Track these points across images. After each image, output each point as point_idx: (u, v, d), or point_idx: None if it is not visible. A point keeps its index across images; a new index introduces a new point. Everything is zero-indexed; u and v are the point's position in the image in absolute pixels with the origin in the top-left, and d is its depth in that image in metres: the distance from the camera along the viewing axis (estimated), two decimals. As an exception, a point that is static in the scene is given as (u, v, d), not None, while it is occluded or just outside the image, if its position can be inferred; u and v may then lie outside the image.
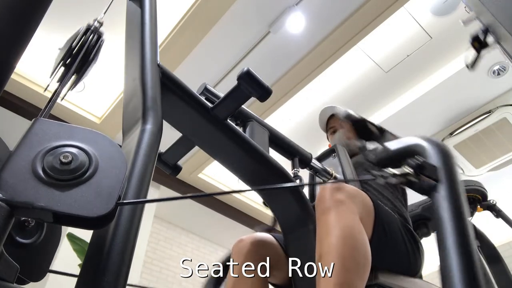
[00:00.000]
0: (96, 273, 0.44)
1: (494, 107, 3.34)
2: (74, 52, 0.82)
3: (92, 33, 0.85)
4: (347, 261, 0.84)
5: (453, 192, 0.64)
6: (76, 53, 0.82)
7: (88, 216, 0.41)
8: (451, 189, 0.64)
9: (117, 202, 0.43)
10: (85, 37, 0.84)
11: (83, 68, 0.83)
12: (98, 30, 0.87)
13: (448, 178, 0.67)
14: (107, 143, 0.49)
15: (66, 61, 0.82)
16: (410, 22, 2.94)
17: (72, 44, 0.83)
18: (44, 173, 0.43)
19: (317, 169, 1.29)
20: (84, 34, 0.84)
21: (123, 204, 0.47)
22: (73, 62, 0.80)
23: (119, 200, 0.44)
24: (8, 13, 0.52)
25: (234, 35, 2.91)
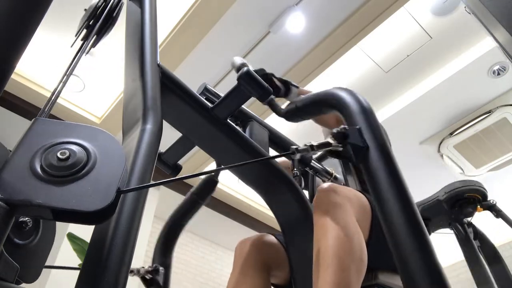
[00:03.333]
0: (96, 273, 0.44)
1: (494, 107, 3.34)
2: (98, 13, 0.86)
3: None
4: (344, 262, 0.85)
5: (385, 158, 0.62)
6: (100, 14, 0.86)
7: (86, 210, 0.41)
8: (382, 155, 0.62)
9: (117, 190, 0.43)
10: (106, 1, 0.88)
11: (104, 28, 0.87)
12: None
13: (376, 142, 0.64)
14: (105, 138, 0.49)
15: (90, 21, 0.86)
16: (410, 22, 2.94)
17: (97, 5, 0.87)
18: (42, 171, 0.43)
19: (317, 169, 1.29)
20: None
21: (123, 192, 0.47)
22: (96, 22, 0.85)
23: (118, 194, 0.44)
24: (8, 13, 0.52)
25: (234, 35, 2.91)
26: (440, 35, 2.98)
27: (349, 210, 0.96)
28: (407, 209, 0.56)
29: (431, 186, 2.03)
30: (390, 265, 1.08)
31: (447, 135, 3.58)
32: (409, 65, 3.19)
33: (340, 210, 0.94)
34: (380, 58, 3.17)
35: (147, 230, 3.92)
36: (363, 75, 3.29)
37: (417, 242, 0.52)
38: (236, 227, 4.59)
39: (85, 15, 0.88)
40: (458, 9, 2.77)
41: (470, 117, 3.43)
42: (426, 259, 0.51)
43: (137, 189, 0.52)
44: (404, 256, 0.52)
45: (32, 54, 3.05)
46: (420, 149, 3.69)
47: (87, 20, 0.85)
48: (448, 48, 3.07)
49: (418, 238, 0.53)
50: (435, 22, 2.91)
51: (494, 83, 3.20)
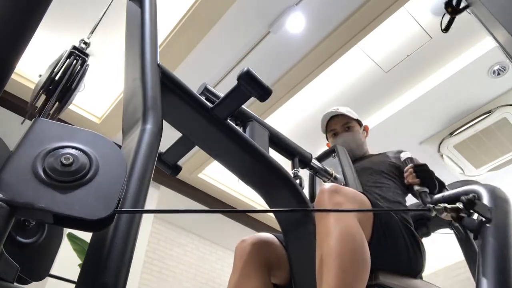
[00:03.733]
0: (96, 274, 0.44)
1: (494, 107, 3.34)
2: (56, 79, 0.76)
3: (76, 57, 0.80)
4: (347, 263, 0.85)
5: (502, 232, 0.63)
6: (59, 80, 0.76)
7: (88, 218, 0.41)
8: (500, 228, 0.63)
9: (115, 210, 0.43)
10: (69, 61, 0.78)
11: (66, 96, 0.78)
12: (84, 52, 0.82)
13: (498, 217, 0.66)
14: (108, 146, 0.49)
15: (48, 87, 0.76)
16: (410, 22, 2.94)
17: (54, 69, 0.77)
18: (45, 174, 0.43)
19: (317, 169, 1.29)
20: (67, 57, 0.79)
21: (121, 212, 0.47)
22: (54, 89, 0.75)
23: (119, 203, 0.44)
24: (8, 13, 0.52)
25: (234, 35, 2.91)
26: (440, 35, 2.98)
27: None
28: None
29: (431, 186, 2.03)
30: (391, 266, 1.09)
31: (447, 135, 3.58)
32: (409, 65, 3.18)
33: None
34: (380, 58, 3.17)
35: (147, 230, 3.92)
36: (363, 75, 3.29)
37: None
38: (236, 227, 4.59)
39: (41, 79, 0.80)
40: (458, 9, 2.77)
41: (470, 117, 3.43)
42: None
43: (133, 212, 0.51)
44: None
45: (32, 54, 3.05)
46: (420, 149, 3.69)
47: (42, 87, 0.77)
48: (448, 48, 3.07)
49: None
50: (435, 22, 2.91)
51: (494, 83, 3.19)
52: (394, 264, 1.09)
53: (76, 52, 0.78)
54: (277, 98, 3.23)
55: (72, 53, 0.78)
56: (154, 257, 4.33)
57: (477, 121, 3.41)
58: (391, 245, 1.08)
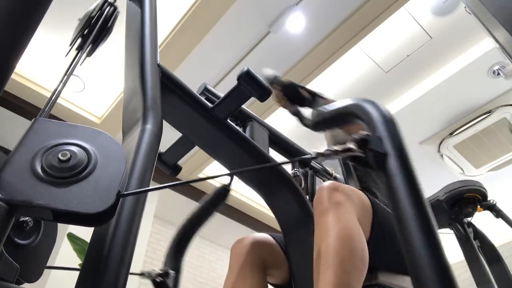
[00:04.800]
0: (96, 273, 0.44)
1: (494, 107, 3.34)
2: (92, 22, 0.86)
3: (109, 5, 0.90)
4: (345, 261, 0.85)
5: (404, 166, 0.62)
6: (94, 23, 0.86)
7: (87, 212, 0.42)
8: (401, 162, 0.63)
9: (118, 194, 0.43)
10: (102, 9, 0.88)
11: (99, 37, 0.87)
12: (114, 3, 0.92)
13: (396, 149, 0.65)
14: (106, 140, 0.49)
15: (84, 31, 0.86)
16: (410, 22, 2.94)
17: (91, 14, 0.87)
18: (43, 172, 0.43)
19: (317, 169, 1.29)
20: (101, 7, 0.89)
21: (124, 196, 0.47)
22: (91, 31, 0.85)
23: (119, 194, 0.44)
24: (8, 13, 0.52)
25: (234, 35, 2.91)
26: (440, 35, 2.98)
27: (350, 209, 0.95)
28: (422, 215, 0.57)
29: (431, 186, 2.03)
30: (391, 265, 1.08)
31: (447, 135, 3.58)
32: (409, 65, 3.18)
33: (341, 209, 0.94)
34: (380, 58, 3.17)
35: (147, 230, 3.92)
36: (363, 75, 3.29)
37: (430, 248, 0.53)
38: (236, 227, 4.59)
39: (79, 24, 0.88)
40: (458, 9, 2.77)
41: (470, 117, 3.43)
42: (438, 265, 0.52)
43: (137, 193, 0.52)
44: (416, 261, 0.53)
45: (32, 54, 3.05)
46: (420, 149, 3.69)
47: (81, 29, 0.85)
48: (448, 48, 3.07)
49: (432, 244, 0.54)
50: (435, 22, 2.91)
51: (494, 83, 3.19)
52: (393, 264, 1.09)
53: (108, 1, 0.91)
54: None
55: (105, 2, 0.90)
56: (154, 257, 4.33)
57: (477, 121, 3.41)
58: (390, 245, 1.08)
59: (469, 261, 1.86)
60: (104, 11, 0.88)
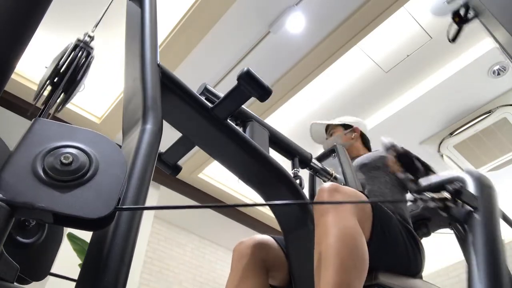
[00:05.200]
0: (96, 274, 0.44)
1: (494, 107, 3.34)
2: (61, 71, 0.77)
3: (81, 49, 0.81)
4: (346, 261, 0.85)
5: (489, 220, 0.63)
6: (64, 72, 0.77)
7: (88, 217, 0.41)
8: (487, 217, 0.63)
9: (116, 207, 0.43)
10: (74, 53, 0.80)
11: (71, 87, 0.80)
12: (89, 45, 0.83)
13: (485, 206, 0.66)
14: (108, 145, 0.49)
15: (54, 79, 0.77)
16: (410, 22, 2.94)
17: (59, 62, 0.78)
18: (45, 174, 0.43)
19: (317, 169, 1.29)
20: (73, 50, 0.80)
21: (122, 210, 0.47)
22: (60, 81, 0.76)
23: (119, 202, 0.44)
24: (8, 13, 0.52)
25: (234, 35, 2.91)
26: (440, 35, 2.97)
27: (350, 210, 0.96)
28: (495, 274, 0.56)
29: (431, 186, 2.03)
30: (390, 266, 1.09)
31: (447, 135, 3.58)
32: (409, 65, 3.18)
33: (341, 210, 0.94)
34: (380, 58, 3.17)
35: (147, 230, 3.91)
36: (363, 75, 3.28)
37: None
38: (236, 227, 4.59)
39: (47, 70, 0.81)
40: (458, 9, 2.77)
41: (470, 117, 3.43)
42: None
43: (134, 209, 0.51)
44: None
45: (32, 54, 3.05)
46: (420, 149, 3.69)
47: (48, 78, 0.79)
48: (448, 48, 3.07)
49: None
50: (435, 22, 2.91)
51: (494, 83, 3.19)
52: (393, 264, 1.09)
53: (80, 44, 0.79)
54: (277, 98, 3.23)
55: (77, 46, 0.79)
56: (154, 257, 4.33)
57: (477, 121, 3.41)
58: (390, 245, 1.08)
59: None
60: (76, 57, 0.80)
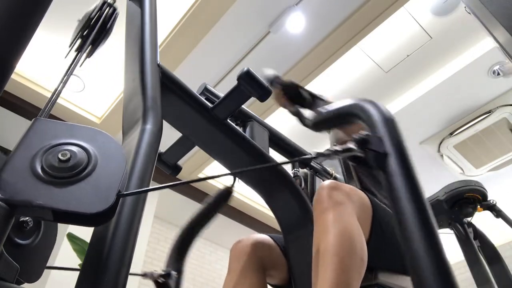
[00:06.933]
0: (96, 273, 0.44)
1: (494, 107, 3.34)
2: (92, 23, 0.86)
3: (108, 6, 0.90)
4: (344, 260, 0.85)
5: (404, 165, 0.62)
6: (94, 24, 0.86)
7: (87, 212, 0.41)
8: (402, 162, 0.63)
9: (118, 194, 0.43)
10: (101, 10, 0.88)
11: (99, 38, 0.87)
12: (113, 5, 0.92)
13: (396, 149, 0.65)
14: (106, 140, 0.49)
15: (84, 32, 0.86)
16: (410, 22, 2.94)
17: (91, 15, 0.87)
18: (43, 172, 0.43)
19: (317, 169, 1.29)
20: (100, 8, 0.89)
21: (124, 195, 0.47)
22: (90, 32, 0.85)
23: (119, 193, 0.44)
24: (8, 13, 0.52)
25: (234, 35, 2.91)
26: (440, 35, 2.98)
27: (350, 208, 0.95)
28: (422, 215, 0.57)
29: (431, 186, 2.03)
30: (391, 265, 1.08)
31: (447, 135, 3.58)
32: (409, 65, 3.18)
33: (341, 208, 0.94)
34: (380, 58, 3.17)
35: (147, 230, 3.92)
36: (363, 75, 3.29)
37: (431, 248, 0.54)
38: (236, 227, 4.59)
39: (78, 25, 0.88)
40: (458, 9, 2.77)
41: (470, 117, 3.43)
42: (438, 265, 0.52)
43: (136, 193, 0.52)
44: (417, 261, 0.53)
45: (32, 54, 3.05)
46: (420, 149, 3.69)
47: (80, 30, 0.85)
48: (448, 48, 3.07)
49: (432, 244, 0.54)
50: (435, 22, 2.91)
51: (494, 83, 3.19)
52: (393, 263, 1.09)
53: (108, 1, 0.91)
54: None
55: (104, 2, 0.90)
56: (154, 257, 4.33)
57: (477, 121, 3.41)
58: (390, 244, 1.08)
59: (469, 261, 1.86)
60: (104, 12, 0.88)
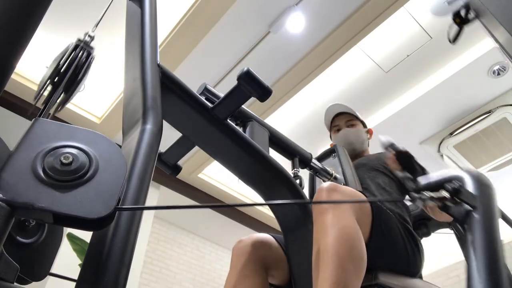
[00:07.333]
0: (96, 274, 0.44)
1: (494, 107, 3.34)
2: (62, 71, 0.78)
3: (82, 49, 0.81)
4: (344, 260, 0.85)
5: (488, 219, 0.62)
6: (64, 72, 0.78)
7: (88, 217, 0.41)
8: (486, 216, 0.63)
9: (116, 207, 0.43)
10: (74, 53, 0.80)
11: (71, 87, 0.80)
12: (89, 45, 0.83)
13: (484, 205, 0.65)
14: (108, 145, 0.49)
15: (54, 79, 0.78)
16: (410, 22, 2.94)
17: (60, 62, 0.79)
18: (45, 174, 0.43)
19: (317, 169, 1.29)
20: (73, 50, 0.80)
21: (122, 210, 0.47)
22: (60, 81, 0.77)
23: (119, 202, 0.44)
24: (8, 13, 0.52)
25: (234, 35, 2.91)
26: (440, 35, 2.98)
27: (349, 210, 0.96)
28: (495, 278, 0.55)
29: (431, 186, 2.03)
30: (390, 265, 1.09)
31: (447, 135, 3.58)
32: (409, 65, 3.18)
33: (340, 209, 0.94)
34: (380, 58, 3.17)
35: (147, 230, 3.91)
36: (363, 75, 3.29)
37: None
38: (236, 227, 4.59)
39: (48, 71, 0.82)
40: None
41: (470, 117, 3.43)
42: None
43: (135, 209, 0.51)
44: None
45: (32, 54, 3.05)
46: (420, 149, 3.69)
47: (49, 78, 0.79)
48: (448, 48, 3.07)
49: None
50: (435, 22, 2.91)
51: (494, 83, 3.19)
52: (392, 264, 1.09)
53: (81, 44, 0.79)
54: (277, 98, 3.23)
55: (77, 46, 0.79)
56: (154, 257, 4.33)
57: (477, 121, 3.40)
58: (390, 245, 1.08)
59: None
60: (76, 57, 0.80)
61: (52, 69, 0.78)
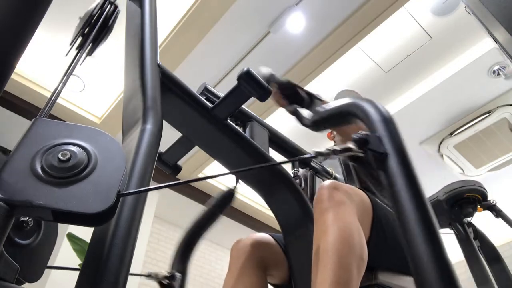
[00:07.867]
0: (96, 273, 0.44)
1: (494, 107, 3.34)
2: (93, 21, 0.87)
3: (109, 4, 0.91)
4: (344, 259, 0.84)
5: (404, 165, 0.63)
6: (95, 22, 0.87)
7: (87, 212, 0.41)
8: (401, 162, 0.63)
9: (118, 194, 0.43)
10: (102, 8, 0.89)
11: (100, 37, 0.88)
12: (114, 2, 0.93)
13: (396, 149, 0.65)
14: (106, 140, 0.49)
15: (85, 30, 0.86)
16: (410, 22, 2.94)
17: (92, 13, 0.88)
18: (43, 172, 0.43)
19: (317, 169, 1.29)
20: (102, 6, 0.90)
21: (124, 195, 0.47)
22: (92, 30, 0.86)
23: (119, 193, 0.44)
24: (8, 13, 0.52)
25: (234, 35, 2.91)
26: (440, 35, 2.98)
27: (350, 208, 0.95)
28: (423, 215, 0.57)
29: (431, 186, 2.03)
30: (391, 265, 1.08)
31: (447, 135, 3.58)
32: (409, 65, 3.18)
33: (341, 207, 0.94)
34: (380, 58, 3.17)
35: (147, 230, 3.92)
36: (363, 75, 3.29)
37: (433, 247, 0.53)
38: (236, 227, 4.59)
39: (79, 23, 0.88)
40: (458, 9, 2.77)
41: (470, 117, 3.43)
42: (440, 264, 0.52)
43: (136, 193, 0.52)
44: (418, 260, 0.53)
45: (32, 54, 3.05)
46: (420, 149, 3.69)
47: (82, 28, 0.86)
48: (448, 48, 3.07)
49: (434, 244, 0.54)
50: (435, 22, 2.91)
51: (494, 83, 3.19)
52: (393, 263, 1.09)
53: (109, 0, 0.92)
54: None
55: (105, 1, 0.91)
56: (154, 257, 4.33)
57: (477, 121, 3.41)
58: (391, 244, 1.08)
59: (469, 261, 1.86)
60: (105, 10, 0.88)
61: (85, 20, 0.88)
